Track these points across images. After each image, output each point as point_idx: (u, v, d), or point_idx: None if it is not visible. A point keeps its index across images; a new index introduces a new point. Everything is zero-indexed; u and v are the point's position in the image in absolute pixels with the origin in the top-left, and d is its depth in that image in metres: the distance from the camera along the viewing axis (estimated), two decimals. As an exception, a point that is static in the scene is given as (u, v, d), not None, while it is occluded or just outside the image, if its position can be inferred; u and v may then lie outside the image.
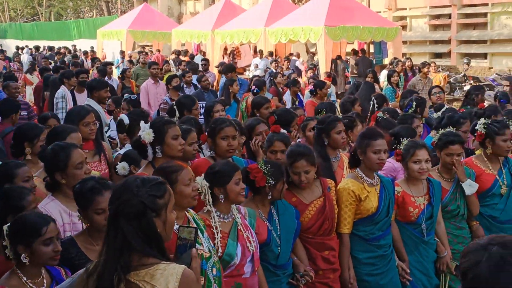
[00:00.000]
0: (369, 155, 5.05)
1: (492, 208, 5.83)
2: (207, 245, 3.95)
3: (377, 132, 5.26)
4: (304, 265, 4.87)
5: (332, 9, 20.57)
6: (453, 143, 5.51)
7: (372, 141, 5.06)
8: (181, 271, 2.80)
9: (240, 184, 4.37)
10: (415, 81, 14.25)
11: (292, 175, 4.95)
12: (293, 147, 5.18)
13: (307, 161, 4.90)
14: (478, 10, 28.89)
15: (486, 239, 2.28)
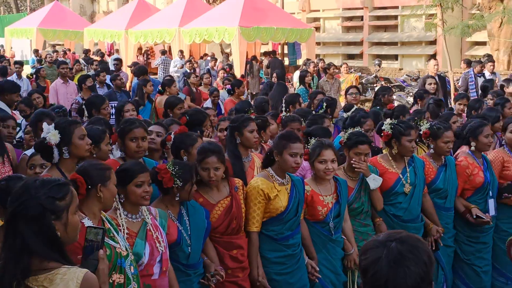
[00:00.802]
0: (285, 157, 5.06)
1: (396, 207, 5.91)
2: (123, 244, 3.92)
3: (296, 135, 5.29)
4: (214, 264, 4.86)
5: (246, 10, 20.66)
6: (362, 143, 5.58)
7: (291, 143, 5.07)
8: (82, 275, 2.73)
9: (144, 187, 4.31)
10: (322, 82, 14.44)
11: (201, 172, 4.93)
12: (205, 144, 5.16)
13: (217, 158, 4.90)
14: (389, 12, 29.62)
15: (384, 236, 2.32)
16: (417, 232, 5.91)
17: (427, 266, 2.23)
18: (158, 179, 4.61)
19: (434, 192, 6.10)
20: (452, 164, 6.21)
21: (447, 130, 6.10)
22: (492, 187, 6.24)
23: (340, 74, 18.01)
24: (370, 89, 21.21)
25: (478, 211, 6.13)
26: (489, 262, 6.37)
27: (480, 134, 6.21)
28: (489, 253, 6.37)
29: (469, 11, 26.21)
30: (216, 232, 4.98)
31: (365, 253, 2.29)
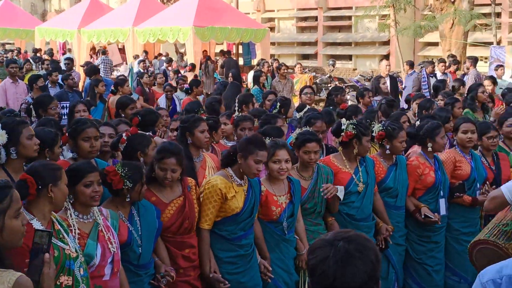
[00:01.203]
0: (249, 162, 5.05)
1: (349, 206, 5.94)
2: (73, 245, 3.88)
3: (263, 141, 5.26)
4: (165, 265, 4.84)
5: (200, 9, 20.60)
6: (310, 141, 5.58)
7: (258, 150, 5.05)
8: (14, 279, 2.68)
9: (93, 187, 4.25)
10: (275, 82, 14.46)
11: (158, 171, 4.91)
12: (165, 144, 5.14)
13: (176, 159, 4.88)
14: (343, 13, 29.88)
15: (331, 235, 2.31)
16: (368, 231, 5.98)
17: (374, 265, 2.24)
18: (108, 181, 4.57)
19: (384, 191, 6.15)
20: (403, 164, 6.26)
21: (401, 129, 6.19)
22: (443, 187, 6.31)
23: (294, 74, 18.08)
24: (324, 89, 21.32)
25: (427, 211, 6.19)
26: (441, 261, 6.43)
27: (437, 136, 6.28)
28: (441, 252, 6.43)
29: (421, 12, 26.63)
30: (168, 231, 4.94)
31: (313, 252, 2.29)
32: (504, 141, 7.02)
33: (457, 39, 22.41)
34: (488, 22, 23.32)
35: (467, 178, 6.42)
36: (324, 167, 5.82)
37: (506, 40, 24.01)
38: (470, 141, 6.51)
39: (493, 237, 4.32)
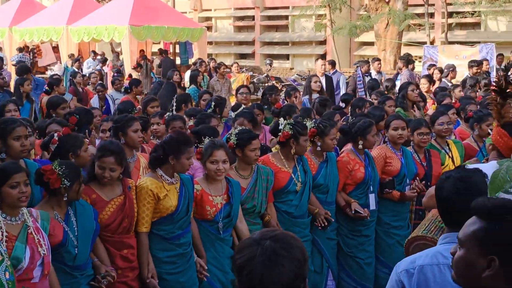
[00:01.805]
0: (183, 161, 5.09)
1: (287, 204, 6.02)
2: (-1, 249, 3.77)
3: (189, 137, 5.32)
4: (105, 265, 4.80)
5: (136, 8, 20.40)
6: (255, 138, 5.64)
7: (189, 148, 5.12)
8: None
9: (19, 187, 4.16)
10: (213, 82, 14.42)
11: (97, 169, 4.90)
12: (106, 142, 5.14)
13: (115, 159, 4.87)
14: (279, 12, 30.02)
15: (258, 234, 2.31)
16: (305, 227, 6.10)
17: (301, 263, 2.24)
18: (45, 180, 4.49)
19: (315, 187, 6.21)
20: (333, 160, 6.35)
21: (333, 127, 6.27)
22: (373, 183, 6.42)
23: (231, 74, 18.06)
24: (261, 88, 21.38)
25: (357, 206, 6.30)
26: (371, 254, 6.55)
27: (368, 134, 6.37)
28: (371, 245, 6.55)
29: (357, 12, 26.98)
30: (107, 230, 4.91)
31: (240, 251, 2.28)
32: (436, 139, 7.15)
33: (391, 39, 22.80)
34: (421, 22, 23.81)
35: (397, 174, 6.54)
36: (263, 167, 5.84)
37: (439, 40, 24.53)
38: (400, 138, 6.63)
39: (430, 233, 4.37)
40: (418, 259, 3.00)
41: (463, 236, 2.38)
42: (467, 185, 3.06)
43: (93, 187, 4.94)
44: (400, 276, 2.99)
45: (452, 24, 24.73)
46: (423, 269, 2.94)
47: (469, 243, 2.34)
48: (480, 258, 2.28)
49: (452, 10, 24.66)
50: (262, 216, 5.88)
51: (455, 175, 3.13)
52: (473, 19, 24.74)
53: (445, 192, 3.09)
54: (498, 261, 2.23)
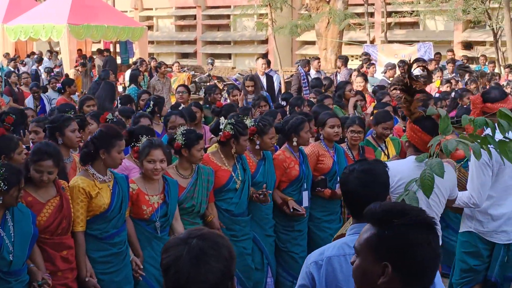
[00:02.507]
0: (113, 155, 5.03)
1: (227, 203, 6.04)
2: None
3: (119, 131, 5.26)
4: (42, 272, 4.69)
5: (75, 7, 20.14)
6: (200, 138, 5.63)
7: (118, 141, 5.07)
8: None
9: None
10: (154, 81, 14.31)
11: (34, 172, 4.79)
12: (42, 145, 5.01)
13: (53, 161, 4.79)
14: (221, 12, 30.02)
15: (185, 233, 2.29)
16: (246, 225, 6.12)
17: (228, 262, 2.23)
18: None
19: (254, 185, 6.22)
20: (270, 158, 6.39)
21: (272, 126, 6.31)
22: (306, 180, 6.48)
23: (173, 73, 17.97)
24: (203, 87, 21.32)
25: (294, 204, 6.35)
26: (305, 248, 6.60)
27: (301, 130, 6.41)
28: (304, 239, 6.62)
29: (298, 11, 27.14)
30: (46, 232, 4.82)
31: (166, 251, 2.26)
32: (374, 137, 7.25)
33: (332, 38, 23.02)
34: (361, 21, 24.13)
35: (328, 171, 6.62)
36: (204, 167, 5.83)
37: (379, 39, 24.92)
38: (337, 135, 6.72)
39: None
40: (327, 250, 3.08)
41: (358, 244, 2.33)
42: (370, 177, 3.16)
43: (28, 190, 4.82)
44: (310, 268, 3.07)
45: (391, 23, 25.14)
46: (330, 260, 3.01)
47: (363, 251, 2.29)
48: (374, 265, 2.22)
49: (391, 10, 25.11)
50: (203, 216, 5.87)
51: (358, 168, 3.22)
52: (411, 18, 25.21)
53: (350, 185, 3.19)
54: (391, 267, 2.19)
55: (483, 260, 5.33)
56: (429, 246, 2.17)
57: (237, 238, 6.01)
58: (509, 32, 19.44)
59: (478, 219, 5.27)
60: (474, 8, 21.62)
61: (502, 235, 5.24)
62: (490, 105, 5.05)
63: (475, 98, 5.40)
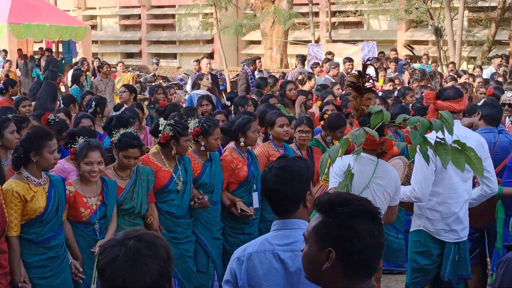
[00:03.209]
0: (45, 155, 4.92)
1: (169, 204, 5.96)
2: None
3: (48, 131, 5.17)
4: None
5: (15, 6, 19.72)
6: (132, 147, 5.51)
7: (49, 141, 4.95)
8: None
9: None
10: (97, 82, 14.10)
11: None
12: None
13: None
14: (166, 11, 29.87)
15: (122, 234, 2.27)
16: (188, 228, 6.06)
17: (166, 263, 2.22)
18: None
19: (201, 187, 6.17)
20: (217, 159, 6.33)
21: (217, 127, 6.26)
22: (256, 181, 6.43)
23: (117, 73, 17.76)
24: (149, 87, 21.13)
25: (242, 205, 6.30)
26: (253, 251, 6.57)
27: (248, 130, 6.37)
28: None
29: (243, 11, 27.16)
30: None
31: (102, 253, 2.24)
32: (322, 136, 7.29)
33: (278, 38, 23.11)
34: (306, 21, 24.28)
35: None
36: (143, 167, 5.75)
37: (324, 38, 25.09)
38: (286, 134, 6.73)
39: None
40: (249, 247, 3.17)
41: (306, 232, 2.41)
42: (288, 174, 3.18)
43: None
44: (233, 264, 3.15)
45: (336, 23, 25.37)
46: (251, 256, 3.10)
47: (310, 238, 2.37)
48: (320, 251, 2.31)
49: (335, 9, 25.32)
50: (144, 217, 5.79)
51: (276, 165, 3.24)
52: (355, 18, 25.51)
53: (269, 183, 3.22)
54: (335, 253, 2.27)
55: (434, 259, 5.39)
56: (371, 236, 2.25)
57: (179, 240, 5.97)
58: (450, 32, 19.86)
59: (428, 217, 5.32)
60: (416, 8, 22.00)
61: (451, 233, 5.31)
62: (440, 102, 5.14)
63: (428, 93, 5.52)
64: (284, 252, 3.08)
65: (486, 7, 23.22)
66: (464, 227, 5.35)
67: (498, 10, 21.74)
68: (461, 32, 19.90)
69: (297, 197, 3.16)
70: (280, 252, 3.08)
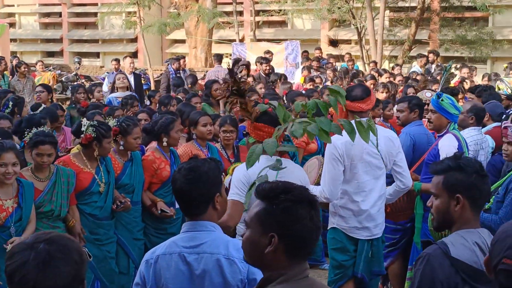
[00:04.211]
0: None
1: (91, 206, 5.88)
2: None
3: None
4: None
5: None
6: (43, 143, 5.38)
7: None
8: None
9: None
10: (14, 82, 13.71)
11: None
12: None
13: None
14: (88, 9, 29.42)
15: (32, 238, 2.21)
16: (110, 229, 5.99)
17: (78, 265, 2.18)
18: None
19: (121, 187, 6.11)
20: (138, 159, 6.27)
21: (136, 126, 6.20)
22: None
23: (36, 73, 17.32)
24: (71, 87, 20.70)
25: (163, 205, 6.25)
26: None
27: (171, 130, 6.34)
28: None
29: (167, 9, 26.96)
30: None
31: (11, 257, 2.17)
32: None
33: (202, 37, 23.00)
34: (230, 20, 24.28)
35: None
36: (63, 169, 5.64)
37: (249, 37, 25.16)
38: (210, 133, 6.74)
39: None
40: (158, 249, 3.23)
41: (248, 218, 2.53)
42: (196, 175, 3.23)
43: None
44: (142, 266, 3.20)
45: (260, 22, 25.49)
46: (159, 259, 3.16)
47: (252, 224, 2.49)
48: (262, 236, 2.45)
49: (259, 9, 25.44)
50: (65, 219, 5.67)
51: (186, 166, 3.30)
52: (279, 17, 25.69)
53: (177, 183, 3.27)
54: (277, 237, 2.41)
55: (350, 255, 5.44)
56: (311, 220, 2.43)
57: (101, 242, 5.89)
58: (371, 31, 20.23)
59: (341, 215, 5.37)
60: (338, 7, 22.32)
61: (364, 231, 5.38)
62: (349, 103, 5.16)
63: None
64: (190, 255, 3.13)
65: (407, 7, 23.75)
66: (376, 224, 5.43)
67: (418, 10, 22.25)
68: (382, 32, 20.30)
69: (205, 198, 3.21)
70: (186, 254, 3.13)
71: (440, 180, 3.07)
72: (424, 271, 2.94)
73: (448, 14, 23.59)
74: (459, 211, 3.02)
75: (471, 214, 3.04)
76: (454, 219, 3.04)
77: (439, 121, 5.97)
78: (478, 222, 3.10)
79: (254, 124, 4.51)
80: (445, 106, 5.85)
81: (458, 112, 5.96)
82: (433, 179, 3.13)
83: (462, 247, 2.93)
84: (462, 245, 2.94)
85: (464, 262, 2.89)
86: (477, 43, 22.29)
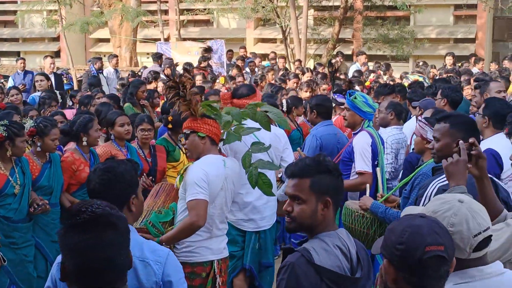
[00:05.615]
0: None
1: (5, 209, 5.75)
2: None
3: None
4: None
5: None
6: None
7: None
8: None
9: None
10: None
11: None
12: None
13: None
14: (7, 7, 28.76)
15: None
16: (27, 232, 5.88)
17: None
18: None
19: (39, 189, 6.01)
20: (56, 161, 6.18)
21: (54, 127, 6.11)
22: None
23: (-48, 72, 16.75)
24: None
25: None
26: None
27: (91, 129, 6.30)
28: None
29: (90, 8, 26.55)
30: None
31: None
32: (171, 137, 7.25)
33: (126, 36, 22.73)
34: (155, 19, 24.07)
35: None
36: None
37: (174, 36, 24.99)
38: (128, 133, 6.73)
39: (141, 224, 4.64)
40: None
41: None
42: (111, 176, 3.22)
43: None
44: (53, 269, 3.15)
45: (184, 21, 25.37)
46: None
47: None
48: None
49: (184, 7, 25.31)
50: None
51: (101, 167, 3.29)
52: (205, 16, 25.62)
53: (91, 184, 3.26)
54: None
55: (240, 245, 5.62)
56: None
57: (17, 245, 5.76)
58: (295, 30, 20.42)
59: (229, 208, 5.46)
60: (262, 6, 22.43)
61: (250, 223, 5.58)
62: (236, 100, 5.40)
63: (224, 94, 5.85)
64: None
65: (330, 6, 24.08)
66: (263, 216, 5.62)
67: (341, 9, 22.56)
68: (305, 31, 20.50)
69: (120, 200, 3.15)
70: None
71: (306, 183, 2.99)
72: (289, 281, 2.87)
73: (370, 13, 24.06)
74: (325, 214, 3.00)
75: (332, 216, 3.04)
76: (318, 223, 3.00)
77: (352, 119, 6.07)
78: (335, 223, 3.12)
79: (203, 119, 4.62)
80: (358, 104, 5.95)
81: (372, 110, 6.06)
82: (294, 183, 3.04)
83: (324, 253, 2.90)
84: (325, 251, 2.91)
85: (328, 268, 2.86)
86: (399, 41, 22.80)
